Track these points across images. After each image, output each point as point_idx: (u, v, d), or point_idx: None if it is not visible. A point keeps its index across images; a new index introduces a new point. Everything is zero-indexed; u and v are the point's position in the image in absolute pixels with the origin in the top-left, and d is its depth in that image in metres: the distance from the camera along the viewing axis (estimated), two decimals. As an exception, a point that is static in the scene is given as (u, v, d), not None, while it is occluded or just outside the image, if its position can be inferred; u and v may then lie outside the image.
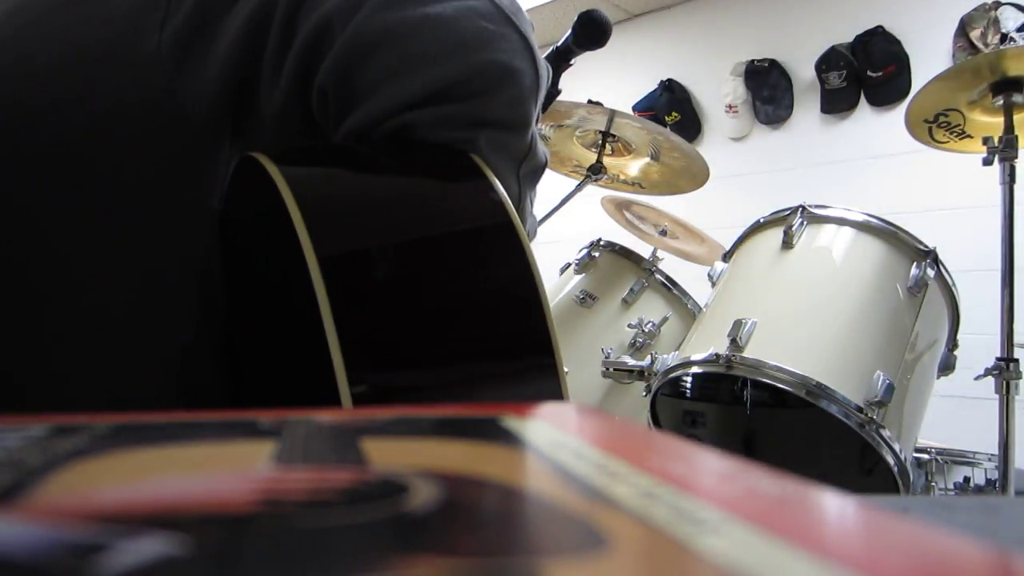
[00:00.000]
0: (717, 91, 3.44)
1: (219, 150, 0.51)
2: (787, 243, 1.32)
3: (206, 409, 0.47)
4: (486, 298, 0.46)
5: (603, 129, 1.77)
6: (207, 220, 0.51)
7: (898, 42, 2.96)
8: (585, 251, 1.78)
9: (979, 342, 1.51)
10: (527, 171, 0.55)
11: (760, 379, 1.16)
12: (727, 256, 1.47)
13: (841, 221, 1.35)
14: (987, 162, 1.43)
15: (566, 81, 1.28)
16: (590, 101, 1.76)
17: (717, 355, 1.18)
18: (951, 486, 1.54)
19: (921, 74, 2.86)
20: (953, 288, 1.34)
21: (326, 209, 0.44)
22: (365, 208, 0.46)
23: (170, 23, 0.51)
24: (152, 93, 0.50)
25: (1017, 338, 1.39)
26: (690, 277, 1.79)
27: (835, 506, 0.15)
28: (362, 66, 0.48)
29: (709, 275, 1.46)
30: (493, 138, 0.51)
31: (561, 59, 1.23)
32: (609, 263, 1.75)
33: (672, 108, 3.56)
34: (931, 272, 1.28)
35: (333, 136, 0.52)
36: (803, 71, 3.21)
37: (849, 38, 3.06)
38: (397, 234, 0.45)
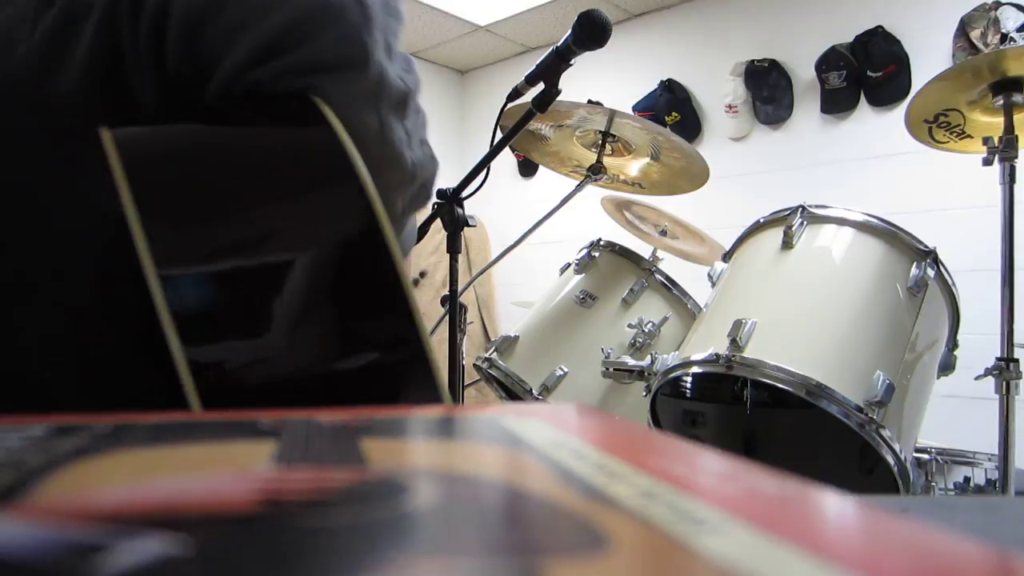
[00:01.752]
0: (717, 91, 3.44)
1: (97, 149, 0.52)
2: (787, 243, 1.32)
3: (142, 408, 0.46)
4: (317, 228, 0.45)
5: (603, 129, 1.77)
6: (97, 219, 0.51)
7: (898, 42, 2.96)
8: (585, 251, 1.78)
9: (979, 342, 1.51)
10: (389, 104, 0.55)
11: (760, 379, 1.16)
12: (727, 256, 1.47)
13: (841, 221, 1.35)
14: (987, 162, 1.43)
15: (566, 81, 1.28)
16: (590, 101, 1.76)
17: (717, 355, 1.18)
18: (951, 486, 1.54)
19: (921, 74, 2.86)
20: (953, 288, 1.34)
21: (151, 170, 0.44)
22: (189, 164, 0.46)
23: (37, 29, 0.54)
24: (25, 97, 0.52)
25: (1017, 338, 1.39)
26: (690, 277, 1.80)
27: (835, 506, 0.15)
28: (199, 39, 0.50)
29: (709, 275, 1.46)
30: (336, 80, 0.51)
31: (561, 59, 1.23)
32: (609, 263, 1.75)
33: (672, 108, 3.56)
34: (931, 272, 1.28)
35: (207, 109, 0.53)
36: (803, 71, 3.21)
37: (849, 38, 3.06)
38: (222, 193, 0.45)
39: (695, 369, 1.25)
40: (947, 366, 1.36)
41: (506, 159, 4.17)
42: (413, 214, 0.64)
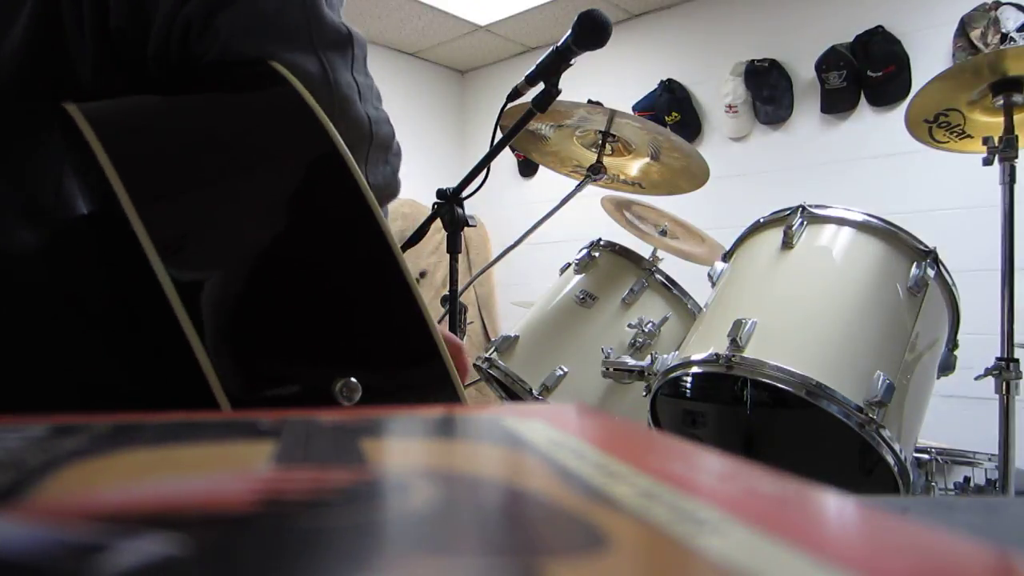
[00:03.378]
0: (717, 91, 3.44)
1: (40, 139, 0.51)
2: (787, 243, 1.32)
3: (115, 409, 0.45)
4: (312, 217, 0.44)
5: (603, 129, 1.77)
6: (42, 214, 0.50)
7: (898, 42, 2.96)
8: (585, 251, 1.78)
9: (979, 342, 1.51)
10: (326, 42, 0.51)
11: (760, 379, 1.16)
12: (727, 256, 1.47)
13: (841, 221, 1.34)
14: (987, 162, 1.43)
15: (566, 81, 1.28)
16: (590, 101, 1.76)
17: (717, 355, 1.18)
18: (951, 486, 1.54)
19: (921, 74, 2.86)
20: (953, 288, 1.34)
21: (135, 150, 0.43)
22: (177, 149, 0.45)
23: None
24: None
25: (1017, 338, 1.39)
26: (690, 277, 1.80)
27: (835, 506, 0.15)
28: None
29: (709, 275, 1.46)
30: (248, 14, 0.49)
31: (561, 59, 1.23)
32: (609, 263, 1.75)
33: (672, 108, 3.56)
34: (931, 272, 1.28)
35: (148, 69, 0.52)
36: (803, 71, 3.21)
37: (849, 38, 3.06)
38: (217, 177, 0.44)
39: (695, 369, 1.25)
40: (947, 366, 1.36)
41: (506, 159, 4.16)
42: (385, 205, 0.58)
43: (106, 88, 0.52)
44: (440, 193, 1.36)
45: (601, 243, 1.79)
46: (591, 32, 1.17)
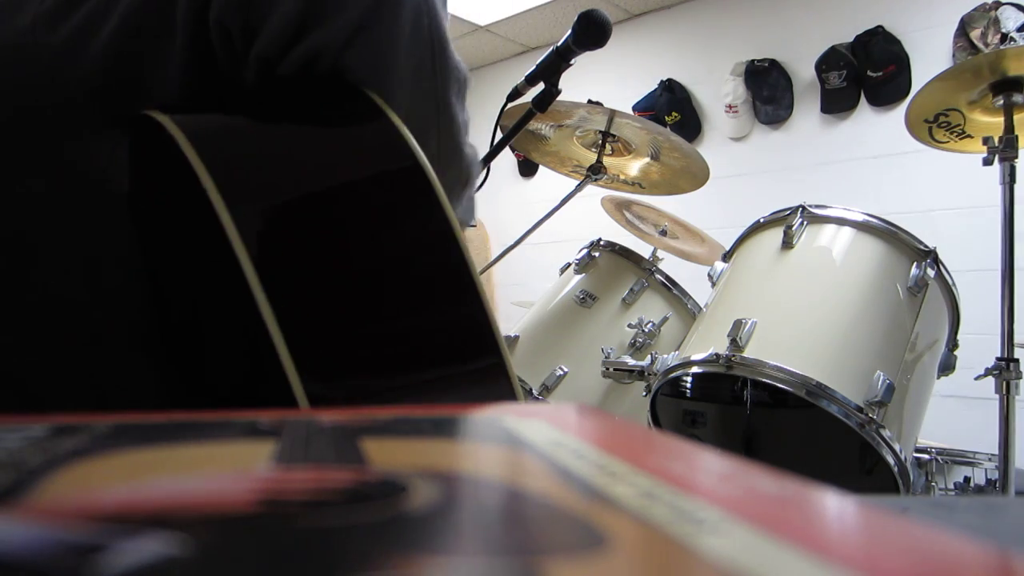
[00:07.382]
0: (717, 91, 3.44)
1: (108, 126, 0.50)
2: (787, 243, 1.32)
3: (134, 407, 0.46)
4: (405, 261, 0.44)
5: (603, 129, 1.77)
6: (108, 201, 0.50)
7: (898, 42, 2.96)
8: (585, 251, 1.78)
9: (979, 342, 1.51)
10: (447, 86, 0.50)
11: (760, 379, 1.16)
12: (727, 256, 1.47)
13: (841, 221, 1.34)
14: (987, 162, 1.43)
15: (566, 81, 1.28)
16: (590, 101, 1.76)
17: (717, 355, 1.18)
18: (951, 486, 1.54)
19: (921, 74, 2.86)
20: (953, 288, 1.34)
21: (233, 164, 0.42)
22: (274, 164, 0.45)
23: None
24: (33, 70, 0.50)
25: (1017, 338, 1.39)
26: (690, 277, 1.80)
27: (835, 506, 0.15)
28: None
29: (709, 275, 1.46)
30: (380, 41, 0.47)
31: (561, 59, 1.23)
32: (609, 263, 1.75)
33: (672, 108, 3.56)
34: (931, 272, 1.28)
35: (244, 73, 0.50)
36: (803, 71, 3.21)
37: (849, 38, 3.06)
38: (312, 198, 0.44)
39: (695, 369, 1.25)
40: (947, 366, 1.36)
41: (506, 159, 4.16)
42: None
43: (189, 91, 0.50)
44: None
45: (601, 243, 1.79)
46: (591, 32, 1.17)
